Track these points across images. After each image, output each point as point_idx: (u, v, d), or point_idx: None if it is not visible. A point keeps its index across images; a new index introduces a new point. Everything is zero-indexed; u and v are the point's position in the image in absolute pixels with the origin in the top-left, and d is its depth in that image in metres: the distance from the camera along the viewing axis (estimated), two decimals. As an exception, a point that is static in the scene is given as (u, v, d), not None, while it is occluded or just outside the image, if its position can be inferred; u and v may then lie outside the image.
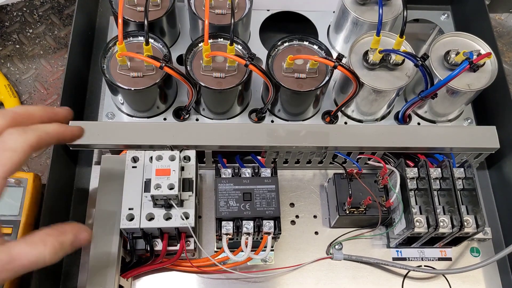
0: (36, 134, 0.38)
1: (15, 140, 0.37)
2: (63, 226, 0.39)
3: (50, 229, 0.38)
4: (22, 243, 0.37)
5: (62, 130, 0.41)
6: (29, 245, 0.36)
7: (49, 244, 0.37)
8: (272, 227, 0.51)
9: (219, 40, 0.59)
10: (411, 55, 0.54)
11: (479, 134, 0.59)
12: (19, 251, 0.36)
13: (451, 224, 0.53)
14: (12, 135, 0.37)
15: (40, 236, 0.37)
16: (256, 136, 0.56)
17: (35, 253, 0.36)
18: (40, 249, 0.37)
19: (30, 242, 0.37)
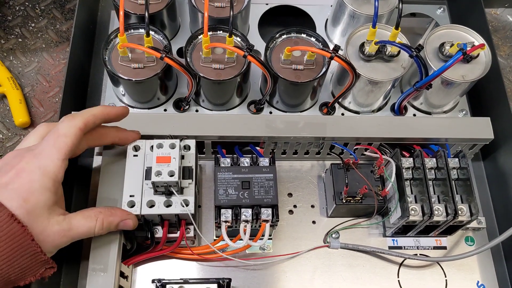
0: (83, 118, 0.46)
1: (66, 126, 0.44)
2: (114, 209, 0.48)
3: (103, 208, 0.48)
4: (79, 215, 0.45)
5: (107, 111, 0.48)
6: (84, 218, 0.45)
7: (99, 220, 0.46)
8: (270, 215, 0.52)
9: (218, 32, 0.60)
10: (406, 46, 0.55)
11: (473, 125, 0.60)
12: (76, 222, 0.44)
13: (445, 212, 0.54)
14: (63, 123, 0.45)
15: (94, 212, 0.46)
16: (255, 127, 0.58)
17: (88, 225, 0.45)
18: (92, 223, 0.45)
19: (85, 215, 0.45)
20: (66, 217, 0.43)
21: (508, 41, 0.80)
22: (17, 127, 0.67)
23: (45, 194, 0.41)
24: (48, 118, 0.68)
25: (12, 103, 0.67)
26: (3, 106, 0.68)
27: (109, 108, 0.49)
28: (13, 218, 0.39)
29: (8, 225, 0.38)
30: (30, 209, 0.40)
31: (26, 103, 0.68)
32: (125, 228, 0.49)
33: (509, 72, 0.77)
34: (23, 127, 0.67)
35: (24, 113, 0.66)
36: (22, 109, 0.66)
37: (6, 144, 0.66)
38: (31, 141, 0.46)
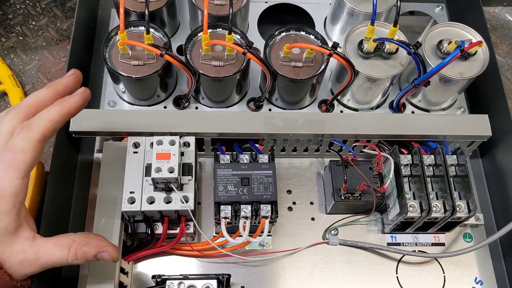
0: (41, 129, 0.40)
1: (22, 141, 0.39)
2: (90, 238, 0.43)
3: (78, 236, 0.42)
4: (50, 243, 0.40)
5: (66, 108, 0.42)
6: (56, 246, 0.40)
7: (72, 250, 0.41)
8: (269, 211, 0.52)
9: (217, 30, 0.60)
10: (404, 43, 0.55)
11: (471, 122, 0.60)
12: (45, 251, 0.40)
13: (443, 208, 0.54)
14: (19, 136, 0.39)
15: (67, 240, 0.41)
16: (254, 124, 0.58)
17: (59, 255, 0.40)
18: (63, 252, 0.40)
19: (57, 243, 0.41)
20: (33, 244, 0.39)
21: (506, 39, 0.80)
22: (17, 125, 0.67)
23: (5, 220, 0.37)
24: (48, 115, 0.68)
25: (13, 100, 0.67)
26: (4, 103, 0.69)
27: (67, 105, 0.42)
28: None
29: None
30: None
31: (26, 101, 0.68)
32: (104, 260, 0.44)
33: (507, 70, 0.77)
34: (24, 125, 0.67)
35: (24, 111, 0.67)
36: (22, 107, 0.67)
37: (7, 142, 0.66)
38: None
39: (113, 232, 0.51)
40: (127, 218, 0.52)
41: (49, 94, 0.43)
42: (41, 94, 0.43)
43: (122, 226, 0.53)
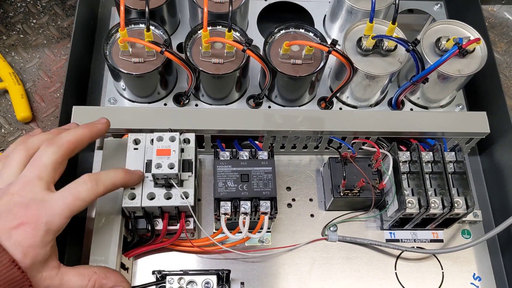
0: (106, 187, 0.45)
1: (88, 191, 0.44)
2: (110, 273, 0.47)
3: (99, 269, 0.46)
4: (73, 272, 0.44)
5: (127, 179, 0.49)
6: (78, 276, 0.44)
7: (92, 281, 0.45)
8: (269, 207, 0.52)
9: (217, 27, 0.61)
10: (402, 40, 0.56)
11: (470, 119, 0.61)
12: (68, 279, 0.43)
13: (442, 205, 0.55)
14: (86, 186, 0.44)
15: (88, 272, 0.45)
16: (254, 121, 0.58)
17: (79, 284, 0.44)
18: (84, 282, 0.44)
19: (79, 273, 0.44)
20: (59, 272, 0.43)
21: (504, 37, 0.81)
22: (18, 122, 0.68)
23: (44, 249, 0.41)
24: (49, 113, 0.69)
25: (14, 98, 0.68)
26: (5, 101, 0.69)
27: (129, 174, 0.49)
28: (14, 263, 0.38)
29: (8, 270, 0.38)
30: (28, 264, 0.39)
31: (27, 98, 0.68)
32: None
33: (505, 68, 0.78)
34: (25, 122, 0.68)
35: (25, 108, 0.67)
36: (23, 104, 0.67)
37: (8, 139, 0.67)
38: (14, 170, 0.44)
39: (113, 228, 0.52)
40: (127, 214, 0.53)
41: (87, 135, 0.48)
42: (79, 132, 0.48)
43: (123, 222, 0.53)
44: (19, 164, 0.44)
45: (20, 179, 0.43)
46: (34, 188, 0.42)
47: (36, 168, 0.43)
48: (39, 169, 0.43)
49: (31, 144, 0.46)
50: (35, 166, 0.43)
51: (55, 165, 0.44)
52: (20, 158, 0.45)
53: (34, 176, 0.43)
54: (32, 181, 0.42)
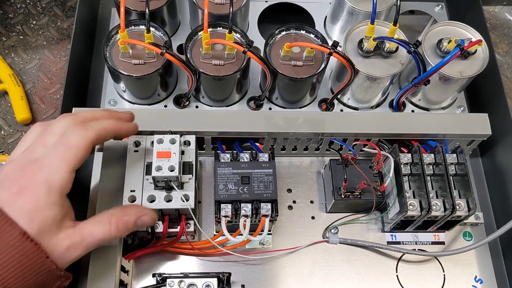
0: (96, 131, 0.43)
1: (78, 138, 0.41)
2: (127, 208, 0.45)
3: (115, 210, 0.44)
4: (90, 223, 0.42)
5: (119, 126, 0.46)
6: (96, 224, 0.42)
7: (114, 223, 0.43)
8: (270, 210, 0.52)
9: (218, 29, 0.61)
10: (404, 42, 0.55)
11: (471, 121, 0.60)
12: (89, 231, 0.41)
13: (443, 207, 0.54)
14: (74, 133, 0.41)
15: (106, 216, 0.43)
16: (255, 122, 0.58)
17: (102, 232, 0.42)
18: (106, 227, 0.42)
19: (97, 221, 0.42)
20: (76, 228, 0.41)
21: (506, 38, 0.80)
22: (18, 124, 0.68)
23: (52, 210, 0.39)
24: (49, 114, 0.68)
25: (14, 99, 0.67)
26: (4, 102, 0.69)
27: (121, 124, 0.47)
28: (25, 236, 0.37)
29: (20, 243, 0.36)
30: (37, 228, 0.38)
31: (27, 100, 0.68)
32: (144, 225, 0.46)
33: (507, 69, 0.78)
34: (25, 124, 0.68)
35: (25, 110, 0.67)
36: (23, 106, 0.67)
37: (7, 141, 0.66)
38: (26, 144, 0.43)
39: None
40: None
41: (105, 114, 0.47)
42: (98, 111, 0.47)
43: (123, 225, 0.53)
44: (32, 138, 0.44)
45: (28, 147, 0.42)
46: (34, 154, 0.41)
47: (44, 136, 0.42)
48: (47, 136, 0.42)
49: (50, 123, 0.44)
50: (45, 133, 0.42)
51: (81, 150, 0.42)
52: (35, 132, 0.44)
53: (39, 143, 0.42)
54: (35, 147, 0.42)
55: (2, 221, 0.37)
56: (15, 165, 0.41)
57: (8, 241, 0.36)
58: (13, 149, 0.65)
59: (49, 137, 0.42)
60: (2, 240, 0.36)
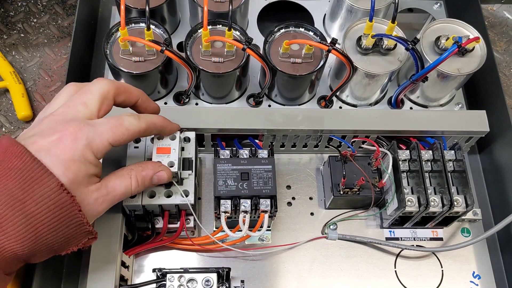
0: (147, 123, 0.45)
1: (131, 123, 0.43)
2: (145, 163, 0.47)
3: (134, 165, 0.46)
4: (113, 177, 0.44)
5: (166, 125, 0.49)
6: (119, 178, 0.44)
7: (133, 177, 0.45)
8: (269, 206, 0.53)
9: (217, 26, 0.61)
10: (402, 39, 0.56)
11: (469, 118, 0.61)
12: (113, 184, 0.43)
13: (441, 203, 0.55)
14: (130, 118, 0.43)
15: (126, 171, 0.45)
16: (254, 119, 0.58)
17: (124, 185, 0.44)
18: (127, 181, 0.44)
19: (119, 175, 0.44)
20: (102, 182, 0.42)
21: (504, 36, 0.81)
22: (19, 121, 0.68)
23: (86, 165, 0.39)
24: (50, 112, 0.69)
25: (15, 97, 0.68)
26: (5, 100, 0.69)
27: (168, 122, 0.49)
28: (63, 187, 0.37)
29: (56, 194, 0.37)
30: (72, 178, 0.38)
31: (28, 97, 0.69)
32: (161, 182, 0.48)
33: (505, 67, 0.78)
34: (26, 121, 0.68)
35: (26, 107, 0.67)
36: (24, 103, 0.67)
37: (8, 138, 0.67)
38: (61, 101, 0.43)
39: (114, 226, 0.52)
40: (127, 212, 0.53)
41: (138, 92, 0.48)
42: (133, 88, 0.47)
43: (123, 220, 0.53)
44: (67, 95, 0.44)
45: (65, 103, 0.42)
46: (77, 112, 0.41)
47: (83, 94, 0.42)
48: (86, 95, 0.42)
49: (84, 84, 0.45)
50: (83, 92, 0.42)
51: (103, 95, 0.43)
52: (70, 90, 0.44)
53: (79, 101, 0.42)
54: (76, 105, 0.42)
55: (40, 172, 0.37)
56: (57, 118, 0.41)
57: (44, 192, 0.37)
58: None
59: (89, 96, 0.43)
60: (38, 190, 0.36)
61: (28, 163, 0.37)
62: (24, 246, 0.36)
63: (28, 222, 0.36)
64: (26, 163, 0.37)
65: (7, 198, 0.36)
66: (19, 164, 0.37)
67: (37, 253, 0.38)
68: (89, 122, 0.41)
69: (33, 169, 0.37)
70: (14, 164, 0.37)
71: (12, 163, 0.37)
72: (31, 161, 0.37)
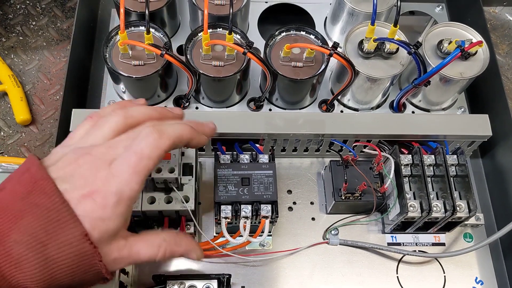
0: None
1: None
2: (181, 238, 0.43)
3: (169, 235, 0.42)
4: (142, 242, 0.40)
5: (193, 136, 0.42)
6: (147, 245, 0.41)
7: (162, 250, 0.41)
8: (270, 211, 0.52)
9: (218, 30, 0.60)
10: (404, 43, 0.55)
11: (472, 122, 0.60)
12: (137, 250, 0.40)
13: (444, 208, 0.54)
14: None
15: (158, 240, 0.41)
16: (255, 124, 0.58)
17: (149, 254, 0.41)
18: (154, 251, 0.41)
19: (149, 243, 0.41)
20: (127, 243, 0.39)
21: (506, 39, 0.80)
22: (18, 125, 0.67)
23: (115, 222, 0.37)
24: (49, 115, 0.68)
25: (13, 100, 0.67)
26: (4, 103, 0.69)
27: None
28: (87, 237, 0.35)
29: (80, 243, 0.35)
30: (97, 237, 0.36)
31: (27, 101, 0.68)
32: (188, 259, 0.45)
33: (507, 70, 0.78)
34: (24, 125, 0.67)
35: (25, 111, 0.67)
36: (23, 107, 0.67)
37: (7, 142, 0.66)
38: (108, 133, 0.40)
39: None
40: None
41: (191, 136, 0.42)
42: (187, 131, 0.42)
43: (123, 226, 0.52)
44: (112, 129, 0.40)
45: (110, 144, 0.39)
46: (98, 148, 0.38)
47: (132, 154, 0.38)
48: (136, 156, 0.38)
49: (132, 113, 0.41)
50: (132, 151, 0.38)
51: (153, 160, 0.39)
52: (116, 124, 0.40)
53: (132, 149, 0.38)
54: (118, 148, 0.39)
55: (67, 217, 0.35)
56: (88, 160, 0.38)
57: (67, 238, 0.35)
58: (12, 150, 0.65)
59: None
60: (63, 235, 0.35)
61: (56, 205, 0.35)
62: (38, 286, 0.35)
63: (47, 265, 0.35)
64: (55, 204, 0.35)
65: (29, 238, 0.35)
66: (47, 203, 0.35)
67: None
68: (110, 168, 0.38)
69: (60, 212, 0.35)
70: (42, 201, 0.35)
71: (40, 200, 0.35)
72: (60, 203, 0.35)
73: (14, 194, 0.36)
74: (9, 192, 0.36)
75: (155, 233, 0.42)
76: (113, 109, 0.42)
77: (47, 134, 0.67)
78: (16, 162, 0.61)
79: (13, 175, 0.38)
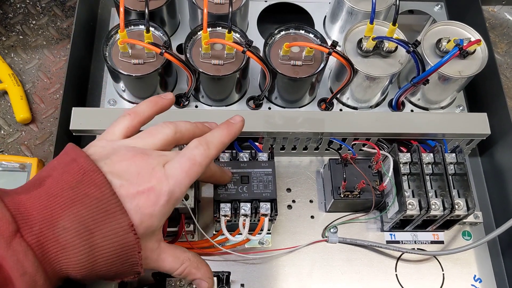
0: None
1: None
2: (202, 265, 0.46)
3: (194, 258, 0.45)
4: (169, 252, 0.43)
5: (232, 135, 0.46)
6: (173, 257, 0.43)
7: (183, 267, 0.44)
8: (269, 209, 0.52)
9: (217, 28, 0.61)
10: (403, 41, 0.55)
11: (470, 121, 0.60)
12: (164, 257, 0.43)
13: (442, 206, 0.55)
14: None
15: (184, 257, 0.44)
16: (254, 122, 0.58)
17: (171, 266, 0.43)
18: (176, 265, 0.44)
19: (175, 255, 0.44)
20: (159, 247, 0.42)
21: (505, 38, 0.81)
22: (18, 123, 0.68)
23: (160, 220, 0.40)
24: (49, 114, 0.68)
25: (13, 99, 0.67)
26: (4, 102, 0.69)
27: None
28: (132, 228, 0.37)
29: (125, 233, 0.37)
30: (141, 231, 0.38)
31: (27, 100, 0.68)
32: (198, 286, 0.47)
33: (506, 69, 0.78)
34: (24, 123, 0.68)
35: (25, 109, 0.67)
36: (23, 106, 0.67)
37: (7, 140, 0.66)
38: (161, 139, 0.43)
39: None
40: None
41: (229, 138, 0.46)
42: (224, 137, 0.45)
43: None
44: (164, 139, 0.43)
45: (162, 153, 0.42)
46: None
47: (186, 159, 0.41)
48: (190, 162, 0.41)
49: (180, 129, 0.44)
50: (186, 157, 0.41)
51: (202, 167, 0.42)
52: (167, 136, 0.43)
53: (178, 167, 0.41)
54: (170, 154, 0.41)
55: (116, 208, 0.37)
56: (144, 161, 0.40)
57: (113, 228, 0.37)
58: (12, 149, 0.65)
59: None
60: (110, 224, 0.37)
61: (106, 196, 0.37)
62: (80, 273, 0.37)
63: (91, 253, 0.36)
64: (105, 195, 0.37)
65: (78, 225, 0.36)
66: (96, 194, 0.37)
67: (85, 279, 0.38)
68: (165, 169, 0.40)
69: (110, 203, 0.37)
70: (92, 192, 0.37)
71: (90, 190, 0.37)
72: (110, 195, 0.37)
73: (63, 182, 0.37)
74: (58, 180, 0.37)
75: (183, 250, 0.45)
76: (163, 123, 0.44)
77: (47, 133, 0.67)
78: (16, 160, 0.61)
79: (56, 163, 0.39)
